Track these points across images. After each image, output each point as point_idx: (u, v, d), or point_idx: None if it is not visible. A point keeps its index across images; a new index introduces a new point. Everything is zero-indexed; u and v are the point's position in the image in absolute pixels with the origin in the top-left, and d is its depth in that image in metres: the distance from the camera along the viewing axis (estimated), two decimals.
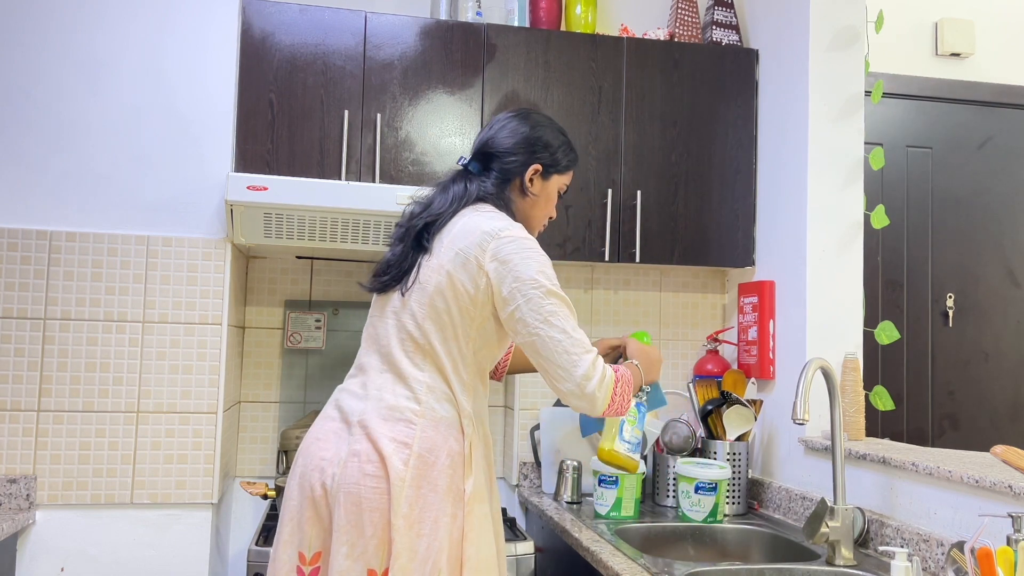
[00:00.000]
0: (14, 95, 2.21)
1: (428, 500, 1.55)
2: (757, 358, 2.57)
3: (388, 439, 1.57)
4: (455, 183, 1.76)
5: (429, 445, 1.58)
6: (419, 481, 1.55)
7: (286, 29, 2.39)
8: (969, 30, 3.21)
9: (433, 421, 1.60)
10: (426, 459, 1.57)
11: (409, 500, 1.53)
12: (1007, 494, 1.59)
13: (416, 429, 1.58)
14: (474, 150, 1.80)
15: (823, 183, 2.39)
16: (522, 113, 1.81)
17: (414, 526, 1.53)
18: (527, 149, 1.76)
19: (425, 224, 1.70)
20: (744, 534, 2.23)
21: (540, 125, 1.79)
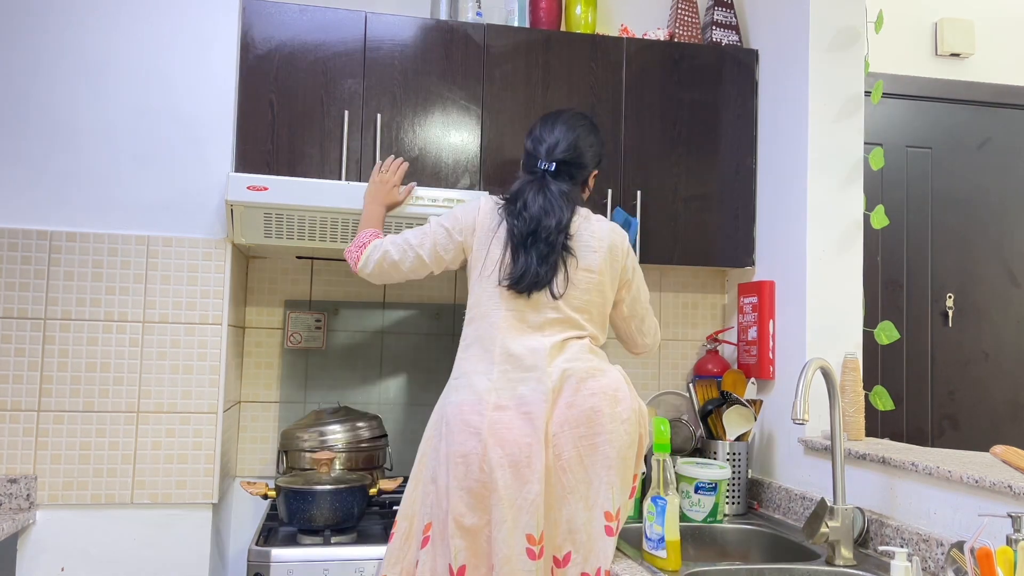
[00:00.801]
0: (14, 95, 2.21)
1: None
2: (757, 358, 2.57)
3: (601, 401, 1.89)
4: (549, 186, 1.97)
5: (628, 394, 1.96)
6: (638, 427, 1.92)
7: (286, 29, 2.39)
8: (969, 30, 3.21)
9: (622, 379, 1.98)
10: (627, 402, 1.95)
11: (636, 439, 1.91)
12: (1007, 494, 1.59)
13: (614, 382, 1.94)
14: (557, 158, 2.00)
15: (823, 183, 2.39)
16: (592, 123, 2.08)
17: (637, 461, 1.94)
18: (597, 161, 2.08)
19: (564, 235, 1.94)
20: (744, 534, 2.23)
21: (599, 131, 2.09)
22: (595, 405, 1.83)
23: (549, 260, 1.90)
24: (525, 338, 1.89)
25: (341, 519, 2.15)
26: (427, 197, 2.26)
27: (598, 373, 1.88)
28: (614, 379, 1.89)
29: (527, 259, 1.90)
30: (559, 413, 1.82)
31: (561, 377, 1.84)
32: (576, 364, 1.87)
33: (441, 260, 2.03)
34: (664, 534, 1.76)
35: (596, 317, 1.97)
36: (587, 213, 2.02)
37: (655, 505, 1.79)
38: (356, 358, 2.72)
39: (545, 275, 1.90)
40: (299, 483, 2.16)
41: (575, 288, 1.93)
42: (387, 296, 2.76)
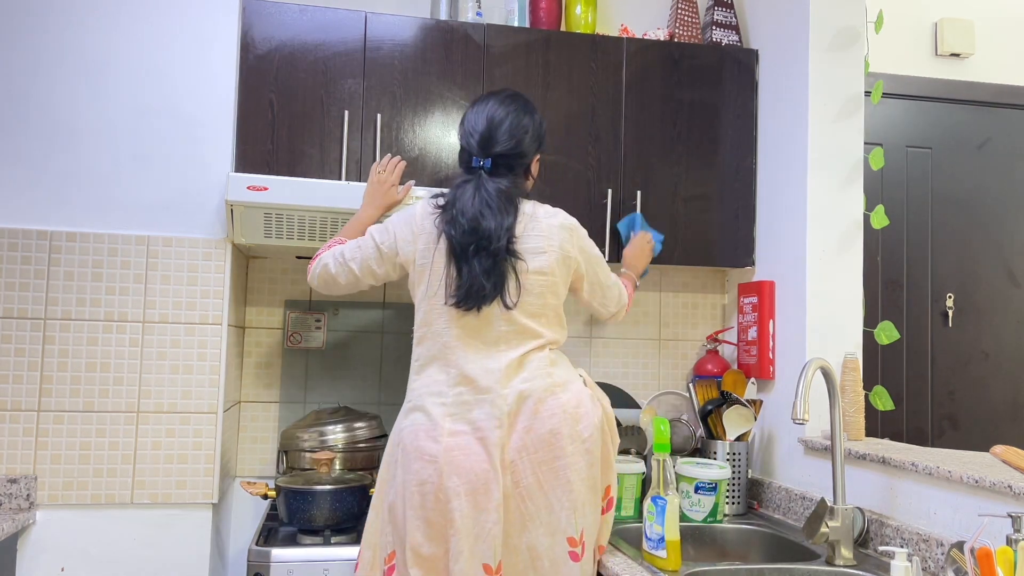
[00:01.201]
0: (14, 95, 2.21)
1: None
2: (757, 358, 2.57)
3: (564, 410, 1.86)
4: (486, 182, 1.87)
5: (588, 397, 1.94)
6: (604, 436, 1.91)
7: (286, 29, 2.39)
8: (969, 30, 3.21)
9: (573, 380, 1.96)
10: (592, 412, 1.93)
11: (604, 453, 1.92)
12: (1007, 494, 1.59)
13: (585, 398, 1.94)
14: (493, 152, 1.89)
15: (823, 183, 2.39)
16: (525, 102, 1.96)
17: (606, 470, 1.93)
18: (537, 140, 1.97)
19: (508, 238, 1.84)
20: (744, 534, 2.23)
21: (535, 111, 1.97)
22: (554, 427, 1.77)
23: (495, 271, 1.80)
24: (480, 357, 1.81)
25: (341, 519, 2.15)
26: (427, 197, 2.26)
27: (558, 389, 1.81)
28: (575, 393, 1.82)
29: (471, 273, 1.79)
30: (517, 438, 1.76)
31: (517, 400, 1.78)
32: (534, 384, 1.79)
33: (375, 274, 1.96)
34: (664, 534, 1.76)
35: (553, 319, 1.90)
36: (533, 208, 1.90)
37: (655, 505, 1.79)
38: (356, 358, 2.72)
39: (492, 289, 1.80)
40: (299, 483, 2.16)
41: (529, 294, 1.84)
42: (387, 296, 2.76)
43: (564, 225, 1.91)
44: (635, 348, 2.85)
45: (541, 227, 1.88)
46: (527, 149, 1.93)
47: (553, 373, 1.82)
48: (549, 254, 1.86)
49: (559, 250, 1.88)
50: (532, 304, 1.85)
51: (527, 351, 1.83)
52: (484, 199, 1.82)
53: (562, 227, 1.90)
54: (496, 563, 1.70)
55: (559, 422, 1.77)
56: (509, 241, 1.81)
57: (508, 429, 1.77)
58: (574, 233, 1.93)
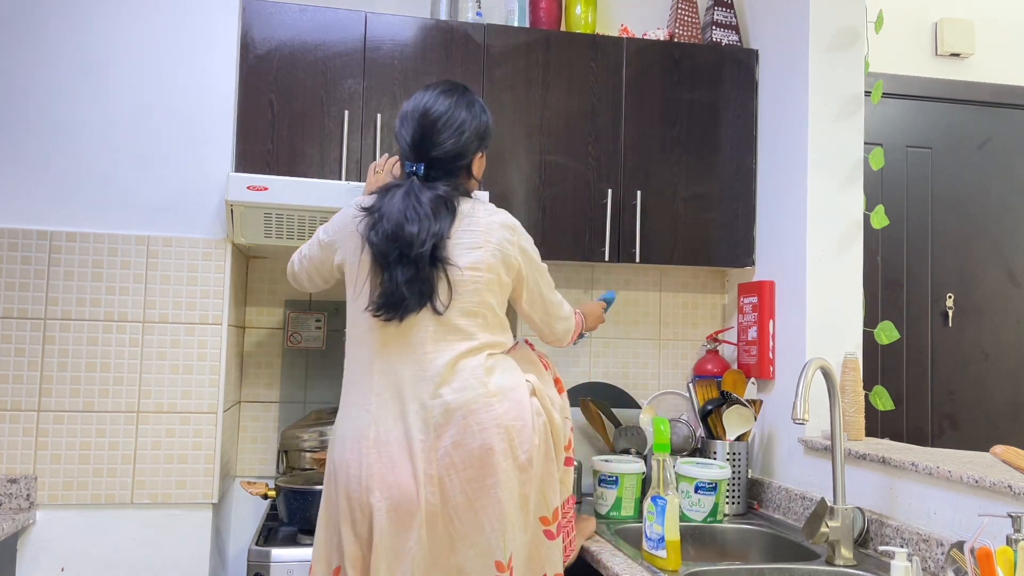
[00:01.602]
0: (14, 95, 2.21)
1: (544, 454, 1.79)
2: (757, 358, 2.57)
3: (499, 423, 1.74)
4: (421, 191, 1.73)
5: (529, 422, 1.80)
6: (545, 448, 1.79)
7: (286, 29, 2.39)
8: (969, 30, 3.21)
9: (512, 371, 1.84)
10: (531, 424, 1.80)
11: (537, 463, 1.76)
12: (1007, 494, 1.59)
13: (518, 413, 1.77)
14: (428, 157, 1.77)
15: (823, 183, 2.39)
16: (466, 97, 1.81)
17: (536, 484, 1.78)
18: (478, 137, 1.83)
19: (434, 244, 1.71)
20: (744, 534, 2.23)
21: (479, 105, 1.84)
22: (486, 442, 1.64)
23: (418, 280, 1.67)
24: (407, 364, 1.70)
25: None
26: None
27: (494, 400, 1.67)
28: (514, 404, 1.69)
29: (392, 282, 1.67)
30: (444, 453, 1.65)
31: (445, 412, 1.65)
32: (464, 394, 1.66)
33: (322, 275, 1.90)
34: (664, 534, 1.76)
35: (492, 320, 1.75)
36: (472, 206, 1.77)
37: (655, 505, 1.79)
38: None
39: (417, 298, 1.68)
40: (299, 483, 2.16)
41: (461, 294, 1.71)
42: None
43: (505, 224, 1.78)
44: (635, 348, 2.85)
45: (479, 224, 1.75)
46: (466, 149, 1.79)
47: (488, 382, 1.69)
48: (484, 249, 1.73)
49: (497, 246, 1.75)
50: (466, 302, 1.72)
51: (458, 355, 1.69)
52: (411, 205, 1.69)
53: (503, 225, 1.78)
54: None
55: (491, 437, 1.64)
56: (435, 248, 1.68)
57: (435, 442, 1.65)
58: (515, 232, 1.80)
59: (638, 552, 1.89)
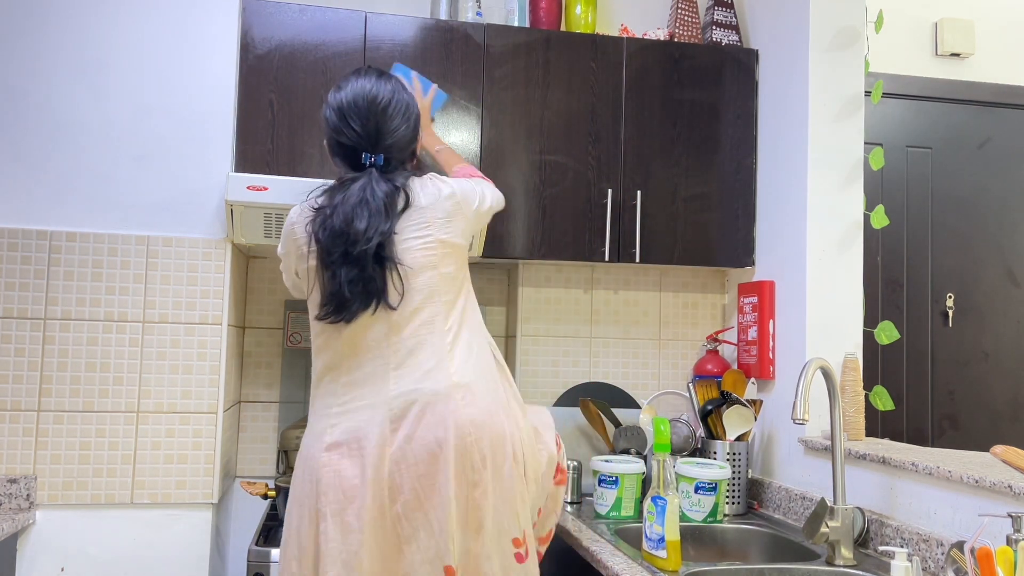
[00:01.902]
0: (14, 95, 2.21)
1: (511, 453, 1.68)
2: (757, 358, 2.57)
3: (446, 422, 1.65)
4: (377, 184, 1.67)
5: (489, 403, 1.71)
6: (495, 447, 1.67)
7: (286, 29, 2.39)
8: (969, 30, 3.21)
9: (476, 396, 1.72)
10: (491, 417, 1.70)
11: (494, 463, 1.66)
12: (1007, 494, 1.59)
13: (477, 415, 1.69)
14: (380, 149, 1.71)
15: (823, 183, 2.39)
16: (397, 80, 1.75)
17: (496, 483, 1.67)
18: (416, 119, 1.77)
19: (379, 243, 1.63)
20: (744, 534, 2.23)
21: (404, 88, 1.75)
22: (440, 437, 1.55)
23: (361, 280, 1.60)
24: (365, 357, 1.63)
25: None
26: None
27: (455, 392, 1.59)
28: (480, 397, 1.60)
29: (334, 282, 1.60)
30: (397, 448, 1.56)
31: (404, 404, 1.58)
32: (424, 385, 1.59)
33: (297, 286, 1.78)
34: (664, 534, 1.76)
35: (456, 295, 1.66)
36: (421, 185, 1.71)
37: (655, 505, 1.79)
38: None
39: (361, 301, 1.60)
40: None
41: (415, 288, 1.64)
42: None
43: (451, 194, 1.72)
44: (635, 348, 2.85)
45: (427, 201, 1.69)
46: (415, 133, 1.75)
47: (452, 372, 1.60)
48: (432, 225, 1.66)
49: (444, 219, 1.68)
50: (420, 294, 1.64)
51: (420, 343, 1.62)
52: (365, 200, 1.62)
53: (448, 196, 1.71)
54: None
55: (446, 432, 1.55)
56: (381, 246, 1.61)
57: (390, 437, 1.56)
58: (456, 196, 1.72)
59: (638, 552, 1.89)
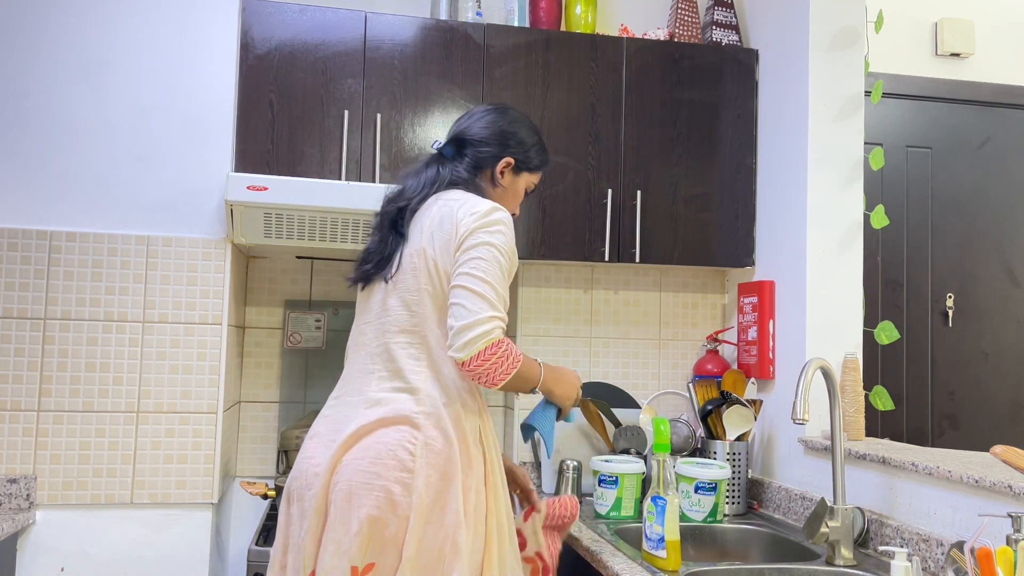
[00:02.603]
0: (14, 95, 2.21)
1: (440, 489, 1.54)
2: (757, 358, 2.57)
3: (393, 434, 1.55)
4: (428, 167, 1.79)
5: (437, 435, 1.57)
6: (429, 471, 1.54)
7: (286, 29, 2.39)
8: (969, 30, 3.21)
9: (436, 410, 1.59)
10: (434, 448, 1.55)
11: (420, 492, 1.52)
12: (1007, 494, 1.59)
13: (421, 419, 1.57)
14: (449, 136, 1.83)
15: (823, 183, 2.39)
16: (500, 107, 1.85)
17: (423, 515, 1.51)
18: (501, 142, 1.80)
19: (399, 209, 1.72)
20: (744, 534, 2.23)
21: (516, 122, 1.84)
22: (394, 440, 1.56)
23: (375, 235, 1.72)
24: (359, 351, 1.69)
25: None
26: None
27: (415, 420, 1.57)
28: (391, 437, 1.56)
29: (370, 242, 1.75)
30: (354, 436, 1.58)
31: (370, 402, 1.61)
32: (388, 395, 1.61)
33: None
34: (664, 534, 1.76)
35: (434, 318, 1.62)
36: (460, 194, 1.71)
37: (655, 505, 1.79)
38: None
39: (377, 254, 1.69)
40: None
41: (403, 273, 1.65)
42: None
43: (473, 210, 1.64)
44: (635, 348, 2.85)
45: (445, 206, 1.68)
46: (479, 135, 1.80)
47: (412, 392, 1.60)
48: (436, 234, 1.65)
49: (438, 225, 1.65)
50: (407, 285, 1.65)
51: (397, 352, 1.64)
52: (417, 175, 1.78)
53: (470, 212, 1.64)
54: (307, 573, 1.53)
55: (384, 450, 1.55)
56: (399, 213, 1.70)
57: (356, 426, 1.59)
58: (475, 216, 1.64)
59: (638, 552, 1.89)
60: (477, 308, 1.55)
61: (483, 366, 1.54)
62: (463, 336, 1.53)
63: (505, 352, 1.56)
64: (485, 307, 1.55)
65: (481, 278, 1.57)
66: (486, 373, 1.55)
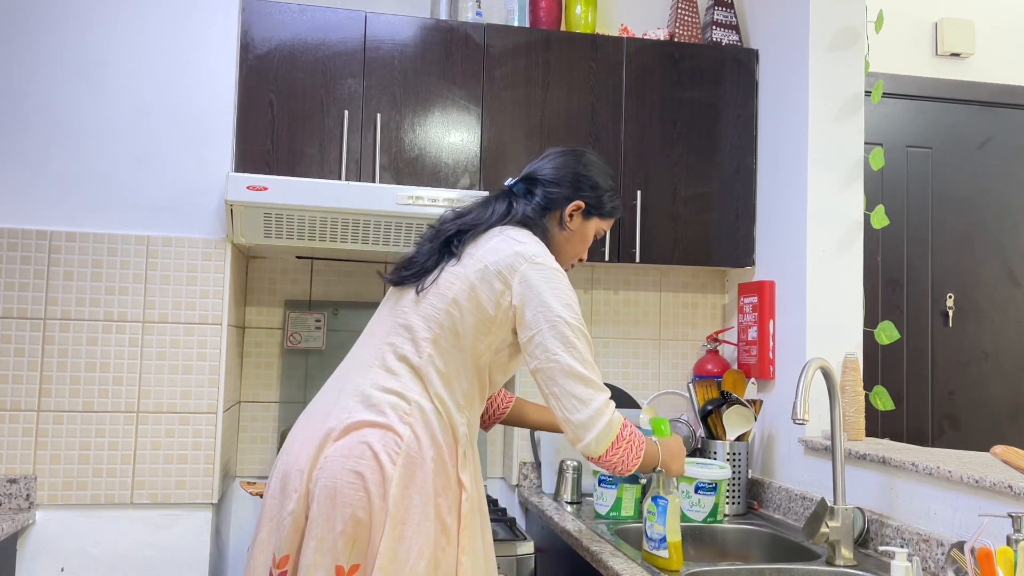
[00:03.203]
0: (14, 95, 2.21)
1: (413, 502, 1.52)
2: (757, 358, 2.57)
3: (376, 436, 1.54)
4: (499, 200, 1.77)
5: (418, 447, 1.55)
6: (406, 482, 1.52)
7: (286, 29, 2.39)
8: (969, 30, 3.21)
9: (424, 423, 1.58)
10: (414, 460, 1.54)
11: (395, 499, 1.50)
12: (1007, 494, 1.59)
13: (406, 429, 1.56)
14: (523, 174, 1.82)
15: (823, 183, 2.39)
16: (577, 152, 1.83)
17: (397, 527, 1.50)
18: (573, 184, 1.77)
19: (458, 230, 1.71)
20: (744, 534, 2.23)
21: (591, 165, 1.82)
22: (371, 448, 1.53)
23: (425, 246, 1.71)
24: (367, 343, 1.69)
25: None
26: (427, 197, 2.26)
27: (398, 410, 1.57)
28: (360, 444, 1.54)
29: (417, 248, 1.73)
30: (343, 433, 1.57)
31: (364, 401, 1.59)
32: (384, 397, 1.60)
33: None
34: (665, 534, 1.76)
35: (449, 341, 1.61)
36: (518, 233, 1.69)
37: (656, 505, 1.79)
38: None
39: (419, 265, 1.67)
40: None
41: (437, 288, 1.63)
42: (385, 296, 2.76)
43: (518, 252, 1.63)
44: (635, 348, 2.85)
45: (495, 244, 1.67)
46: (549, 176, 1.79)
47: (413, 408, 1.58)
48: (474, 265, 1.63)
49: (483, 268, 1.62)
50: (433, 302, 1.63)
51: (397, 357, 1.62)
52: (484, 206, 1.77)
53: (515, 253, 1.63)
54: (281, 556, 1.52)
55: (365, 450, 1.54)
56: (458, 234, 1.68)
57: (345, 415, 1.58)
58: (522, 258, 1.62)
59: (639, 552, 1.89)
60: (588, 396, 1.57)
61: (617, 454, 1.60)
62: (591, 430, 1.56)
63: (631, 436, 1.63)
64: (592, 392, 1.58)
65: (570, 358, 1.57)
66: (621, 462, 1.61)
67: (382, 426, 1.55)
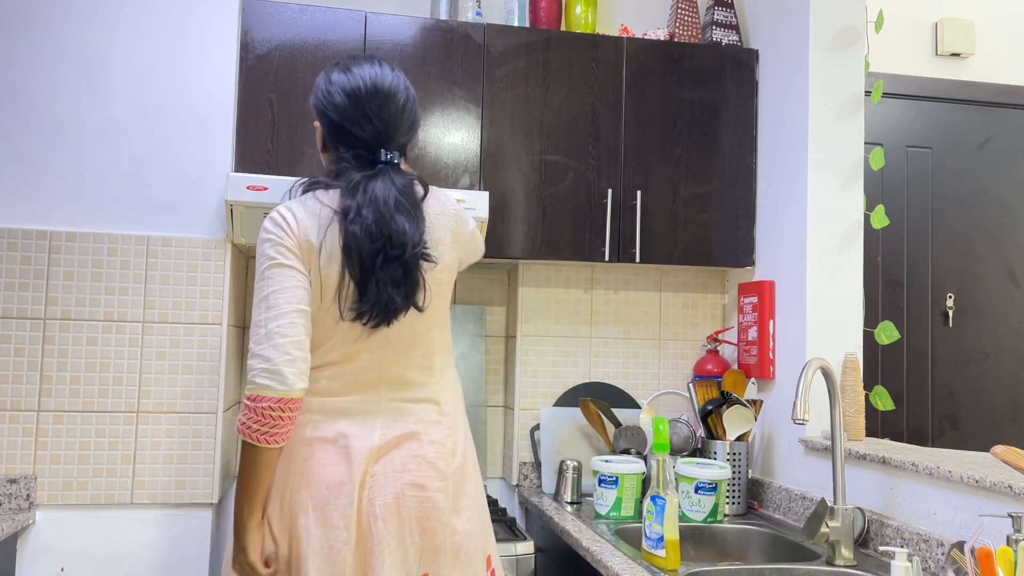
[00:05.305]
0: (14, 95, 2.21)
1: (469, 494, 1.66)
2: (757, 358, 2.57)
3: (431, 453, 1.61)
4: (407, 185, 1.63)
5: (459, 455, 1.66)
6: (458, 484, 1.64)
7: (286, 29, 2.39)
8: (969, 30, 3.21)
9: (456, 428, 1.68)
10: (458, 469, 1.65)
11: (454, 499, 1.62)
12: (1007, 494, 1.59)
13: (448, 441, 1.65)
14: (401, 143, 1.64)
15: (823, 183, 2.39)
16: (404, 79, 1.65)
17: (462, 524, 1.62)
18: (417, 125, 1.70)
19: None
20: (744, 534, 2.23)
21: (410, 85, 1.68)
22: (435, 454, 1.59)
23: (407, 283, 1.56)
24: (381, 365, 1.61)
25: None
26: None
27: (444, 420, 1.63)
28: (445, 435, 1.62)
29: (378, 286, 1.53)
30: (386, 447, 1.56)
31: (405, 415, 1.60)
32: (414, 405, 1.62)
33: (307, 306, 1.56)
34: (663, 533, 1.76)
35: (444, 321, 1.68)
36: (432, 193, 1.67)
37: (654, 504, 1.79)
38: None
39: (402, 303, 1.56)
40: None
41: (429, 293, 1.63)
42: None
43: (456, 213, 1.70)
44: (635, 348, 2.85)
45: (433, 214, 1.65)
46: (418, 127, 1.69)
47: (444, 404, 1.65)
48: (443, 245, 1.65)
49: (452, 236, 1.67)
50: (435, 303, 1.65)
51: (424, 358, 1.64)
52: (396, 198, 1.54)
53: (454, 215, 1.69)
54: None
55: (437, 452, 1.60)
56: (423, 246, 1.57)
57: (379, 435, 1.57)
58: (460, 221, 1.71)
59: (638, 552, 1.89)
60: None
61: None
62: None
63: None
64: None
65: None
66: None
67: (424, 434, 1.62)
